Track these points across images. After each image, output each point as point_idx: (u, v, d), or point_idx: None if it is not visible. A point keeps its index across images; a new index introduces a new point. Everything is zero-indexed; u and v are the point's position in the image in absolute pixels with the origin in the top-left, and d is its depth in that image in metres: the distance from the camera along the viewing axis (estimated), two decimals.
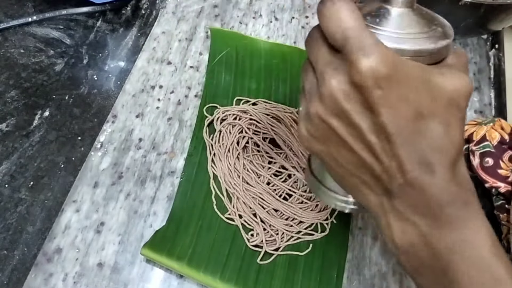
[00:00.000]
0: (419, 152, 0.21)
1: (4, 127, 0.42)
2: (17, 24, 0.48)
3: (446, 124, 0.21)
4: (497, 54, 0.52)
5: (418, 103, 0.21)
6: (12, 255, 0.36)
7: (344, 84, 0.21)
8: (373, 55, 0.20)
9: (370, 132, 0.21)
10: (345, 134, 0.22)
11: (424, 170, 0.21)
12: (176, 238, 0.37)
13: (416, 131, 0.21)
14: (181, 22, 0.51)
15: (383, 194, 0.23)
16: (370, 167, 0.22)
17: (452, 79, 0.22)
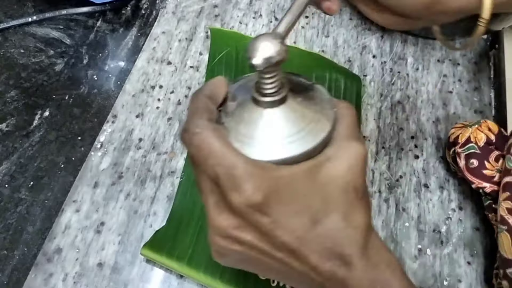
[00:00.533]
0: (327, 252, 0.21)
1: (4, 127, 0.42)
2: (17, 24, 0.48)
3: (345, 216, 0.21)
4: (497, 54, 0.52)
5: (310, 209, 0.21)
6: (12, 255, 0.36)
7: (232, 220, 0.21)
8: (246, 188, 0.20)
9: (275, 251, 0.21)
10: (254, 255, 0.22)
11: (338, 265, 0.21)
12: (176, 238, 0.37)
13: (317, 236, 0.21)
14: (181, 22, 0.51)
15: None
16: (289, 274, 0.23)
17: (340, 159, 0.21)
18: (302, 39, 0.52)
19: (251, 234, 0.21)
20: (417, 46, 0.52)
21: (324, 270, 0.21)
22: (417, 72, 0.50)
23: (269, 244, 0.21)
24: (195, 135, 0.21)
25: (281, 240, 0.21)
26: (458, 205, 0.42)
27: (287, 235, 0.21)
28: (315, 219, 0.21)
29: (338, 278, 0.21)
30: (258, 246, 0.22)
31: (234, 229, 0.21)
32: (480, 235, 0.41)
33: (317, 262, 0.21)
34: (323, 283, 0.22)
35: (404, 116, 0.47)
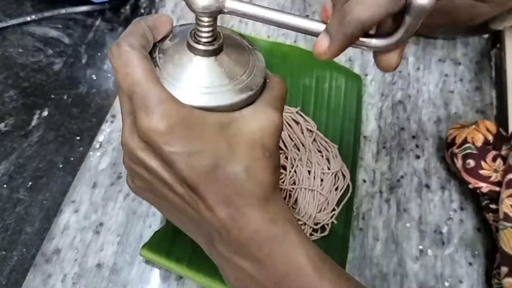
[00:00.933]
0: (225, 198, 0.21)
1: (3, 127, 0.42)
2: (16, 24, 0.48)
3: (248, 169, 0.21)
4: (499, 54, 0.52)
5: (214, 153, 0.21)
6: (11, 255, 0.36)
7: (139, 143, 0.22)
8: (154, 111, 0.20)
9: (176, 184, 0.22)
10: (157, 185, 0.23)
11: (235, 214, 0.21)
12: (175, 239, 0.37)
13: (217, 179, 0.21)
14: (180, 21, 0.51)
15: (209, 241, 0.23)
16: (188, 215, 0.23)
17: (254, 120, 0.22)
18: (302, 39, 0.51)
19: (155, 161, 0.22)
20: (418, 45, 0.52)
21: (220, 216, 0.21)
22: (418, 72, 0.50)
23: (171, 176, 0.22)
24: (125, 52, 0.21)
25: (181, 174, 0.21)
26: (459, 205, 0.42)
27: (187, 171, 0.21)
28: (217, 163, 0.21)
29: (233, 226, 0.22)
30: (162, 176, 0.22)
31: (141, 152, 0.22)
32: (481, 235, 0.40)
33: (214, 204, 0.21)
34: (219, 230, 0.22)
35: (405, 116, 0.47)
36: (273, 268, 0.22)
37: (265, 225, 0.22)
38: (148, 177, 0.23)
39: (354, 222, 0.40)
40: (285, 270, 0.22)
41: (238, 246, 0.22)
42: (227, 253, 0.23)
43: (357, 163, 0.42)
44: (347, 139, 0.43)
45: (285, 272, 0.22)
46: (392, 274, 0.38)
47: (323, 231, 0.38)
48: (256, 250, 0.22)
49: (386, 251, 0.39)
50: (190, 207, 0.23)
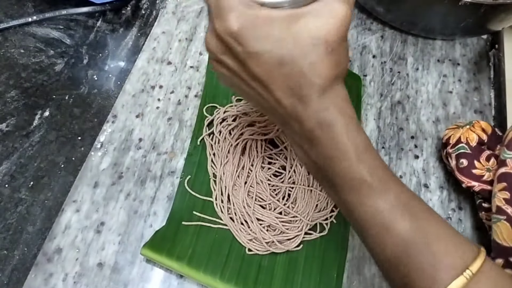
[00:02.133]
0: (289, 90, 0.25)
1: (4, 127, 0.42)
2: (17, 24, 0.48)
3: (310, 64, 0.24)
4: (497, 54, 0.52)
5: (280, 50, 0.24)
6: (12, 255, 0.36)
7: (218, 45, 0.25)
8: (224, 16, 0.23)
9: (250, 79, 0.26)
10: (236, 80, 0.27)
11: (296, 103, 0.25)
12: (176, 238, 0.37)
13: (282, 74, 0.24)
14: (181, 22, 0.51)
15: (281, 123, 0.27)
16: (262, 104, 0.27)
17: (319, 15, 0.24)
18: None
19: (231, 60, 0.26)
20: (417, 46, 0.52)
21: (285, 105, 0.25)
22: (417, 72, 0.50)
23: (245, 73, 0.25)
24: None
25: (252, 70, 0.25)
26: (458, 205, 0.42)
27: (257, 68, 0.24)
28: (283, 60, 0.24)
29: (295, 113, 0.25)
30: (238, 72, 0.26)
31: (219, 53, 0.26)
32: (480, 234, 0.41)
33: (280, 96, 0.25)
34: (284, 117, 0.26)
35: (404, 116, 0.47)
36: (321, 149, 0.25)
37: (319, 113, 0.25)
38: (228, 73, 0.27)
39: None
40: (329, 152, 0.25)
41: (298, 130, 0.26)
42: (292, 135, 0.27)
43: None
44: None
45: (329, 154, 0.25)
46: None
47: (322, 231, 0.38)
48: (309, 133, 0.25)
49: None
50: (263, 98, 0.26)
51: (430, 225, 0.25)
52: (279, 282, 0.36)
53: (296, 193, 0.39)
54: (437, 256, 0.23)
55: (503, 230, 0.35)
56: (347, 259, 0.38)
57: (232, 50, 0.25)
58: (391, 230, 0.24)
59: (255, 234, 0.37)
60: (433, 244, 0.24)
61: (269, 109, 0.27)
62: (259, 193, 0.39)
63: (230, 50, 0.25)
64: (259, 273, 0.36)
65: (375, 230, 0.25)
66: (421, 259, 0.24)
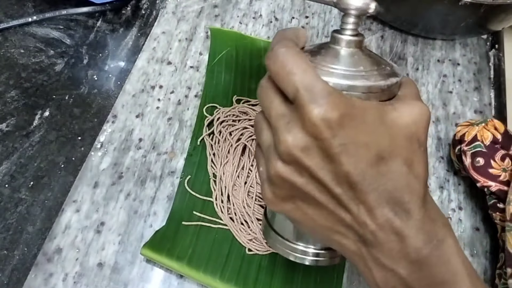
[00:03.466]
0: (387, 195, 0.20)
1: (4, 127, 0.42)
2: (17, 24, 0.48)
3: (409, 162, 0.21)
4: (497, 54, 0.52)
5: (377, 145, 0.21)
6: (12, 255, 0.36)
7: (300, 139, 0.21)
8: (324, 103, 0.20)
9: (334, 184, 0.21)
10: (310, 189, 0.22)
11: (396, 211, 0.20)
12: (176, 238, 0.37)
13: (380, 174, 0.20)
14: (181, 22, 0.51)
15: (359, 242, 0.22)
16: (340, 218, 0.22)
17: (407, 112, 0.22)
18: None
19: (316, 159, 0.21)
20: (417, 46, 0.52)
21: (381, 215, 0.20)
22: (417, 72, 0.50)
23: (330, 174, 0.21)
24: (281, 53, 0.21)
25: (345, 169, 0.20)
26: (458, 205, 0.42)
27: (352, 165, 0.20)
28: (381, 156, 0.20)
29: (394, 226, 0.20)
30: (319, 175, 0.21)
31: (300, 150, 0.21)
32: (480, 235, 0.41)
33: (375, 202, 0.20)
34: (375, 232, 0.21)
35: None
36: (430, 272, 0.21)
37: (425, 225, 0.21)
38: (299, 181, 0.22)
39: None
40: (442, 275, 0.21)
41: (395, 248, 0.21)
42: (381, 255, 0.21)
43: None
44: None
45: (441, 277, 0.21)
46: None
47: None
48: (414, 252, 0.20)
49: None
50: (344, 209, 0.21)
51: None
52: (279, 282, 0.36)
53: None
54: None
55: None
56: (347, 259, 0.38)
57: (324, 142, 0.20)
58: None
59: (255, 234, 0.37)
60: None
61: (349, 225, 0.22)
62: (259, 193, 0.39)
63: (318, 144, 0.20)
64: (259, 273, 0.36)
65: None
66: None
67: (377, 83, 0.23)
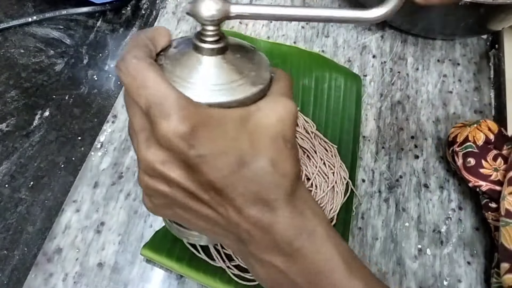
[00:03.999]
0: (252, 196, 0.21)
1: (4, 127, 0.42)
2: (17, 24, 0.48)
3: (273, 162, 0.21)
4: (497, 54, 0.52)
5: (238, 151, 0.21)
6: (12, 255, 0.36)
7: (159, 155, 0.21)
8: (175, 116, 0.20)
9: (201, 191, 0.21)
10: (181, 197, 0.22)
11: (264, 210, 0.21)
12: (176, 238, 0.37)
13: (244, 177, 0.21)
14: (181, 22, 0.51)
15: (239, 241, 0.23)
16: (215, 221, 0.23)
17: (271, 111, 0.22)
18: (302, 39, 0.52)
19: (178, 171, 0.21)
20: (417, 46, 0.52)
21: (249, 215, 0.21)
22: (417, 72, 0.50)
23: (195, 183, 0.21)
24: (132, 64, 0.21)
25: (207, 178, 0.21)
26: (458, 205, 0.42)
27: (214, 173, 0.20)
28: (242, 161, 0.21)
29: (264, 223, 0.21)
30: (185, 185, 0.21)
31: (161, 164, 0.21)
32: (480, 235, 0.41)
33: (242, 205, 0.21)
34: (248, 231, 0.22)
35: (404, 116, 0.47)
36: (304, 263, 0.22)
37: (294, 219, 0.21)
38: (169, 191, 0.22)
39: (353, 221, 0.40)
40: (316, 266, 0.22)
41: (269, 244, 0.22)
42: (258, 251, 0.22)
43: (356, 163, 0.42)
44: (346, 139, 0.44)
45: (316, 268, 0.22)
46: (391, 273, 0.38)
47: None
48: (287, 246, 0.22)
49: (385, 250, 0.39)
50: (216, 213, 0.22)
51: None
52: None
53: None
54: None
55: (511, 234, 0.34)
56: None
57: (181, 155, 0.20)
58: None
59: None
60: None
61: (222, 225, 0.23)
62: None
63: (176, 157, 0.21)
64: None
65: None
66: None
67: (234, 98, 0.22)
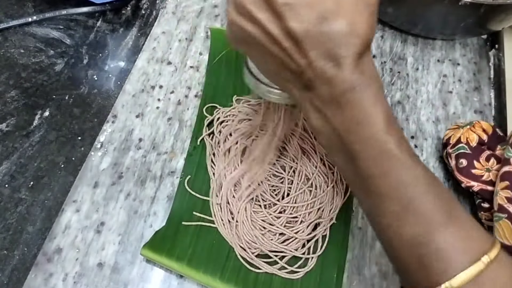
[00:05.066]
0: (325, 50, 0.23)
1: (4, 127, 0.42)
2: (17, 24, 0.48)
3: (351, 23, 0.23)
4: (497, 54, 0.52)
5: (322, 6, 0.22)
6: (12, 255, 0.36)
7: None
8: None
9: (281, 36, 0.23)
10: (260, 38, 0.24)
11: (331, 65, 0.23)
12: (176, 238, 0.37)
13: (322, 33, 0.23)
14: (181, 22, 0.51)
15: (302, 88, 0.26)
16: (287, 66, 0.25)
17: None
18: None
19: (265, 13, 0.23)
20: (417, 46, 0.52)
21: (318, 66, 0.23)
22: (417, 72, 0.50)
23: (278, 29, 0.23)
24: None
25: (289, 25, 0.23)
26: None
27: (296, 22, 0.22)
28: (323, 16, 0.22)
29: (327, 76, 0.24)
30: (268, 28, 0.23)
31: (251, 4, 0.23)
32: None
33: (314, 57, 0.23)
34: (311, 79, 0.24)
35: (404, 116, 0.47)
36: (349, 113, 0.24)
37: (354, 75, 0.23)
38: (252, 29, 0.24)
39: (353, 221, 0.40)
40: (358, 117, 0.24)
41: (325, 93, 0.24)
42: (316, 99, 0.25)
43: None
44: None
45: (357, 119, 0.24)
46: (391, 273, 0.38)
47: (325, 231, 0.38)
48: (340, 96, 0.24)
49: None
50: (289, 58, 0.24)
51: (451, 208, 0.24)
52: (279, 282, 0.36)
53: (296, 194, 0.39)
54: (458, 238, 0.23)
55: (505, 228, 0.35)
56: (347, 259, 0.38)
57: (272, 2, 0.23)
58: (415, 207, 0.24)
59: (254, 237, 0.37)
60: (455, 226, 0.23)
61: (294, 70, 0.25)
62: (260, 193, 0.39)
63: (268, 3, 0.23)
64: (259, 273, 0.36)
65: (397, 205, 0.24)
66: (441, 239, 0.23)
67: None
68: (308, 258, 0.37)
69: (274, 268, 0.36)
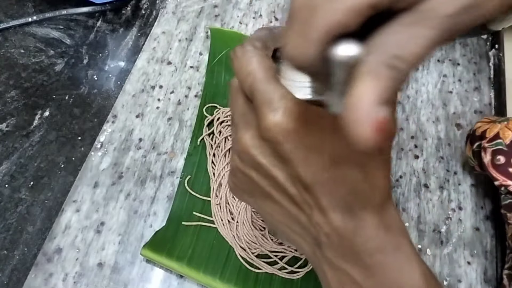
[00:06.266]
0: (340, 200, 0.21)
1: (4, 127, 0.42)
2: (17, 24, 0.48)
3: (365, 170, 0.21)
4: (497, 54, 0.52)
5: (332, 151, 0.20)
6: (12, 255, 0.36)
7: (256, 139, 0.21)
8: (280, 110, 0.20)
9: (288, 183, 0.21)
10: (266, 185, 0.22)
11: (349, 217, 0.21)
12: (176, 238, 0.37)
13: (333, 179, 0.20)
14: (181, 22, 0.51)
15: (314, 244, 0.22)
16: (296, 218, 0.22)
17: None
18: None
19: (269, 158, 0.21)
20: None
21: (333, 219, 0.20)
22: (417, 72, 0.50)
23: (284, 174, 0.21)
24: (249, 51, 0.22)
25: (298, 171, 0.20)
26: (458, 205, 0.42)
27: (304, 167, 0.20)
28: (334, 161, 0.20)
29: (346, 230, 0.20)
30: (273, 174, 0.21)
31: (254, 149, 0.22)
32: (480, 235, 0.41)
33: (327, 206, 0.20)
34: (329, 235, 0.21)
35: (404, 116, 0.47)
36: (384, 278, 0.21)
37: (380, 232, 0.21)
38: (256, 177, 0.22)
39: None
40: (396, 281, 0.21)
41: (348, 252, 0.21)
42: (335, 258, 0.21)
43: None
44: None
45: (396, 283, 0.21)
46: None
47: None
48: (367, 257, 0.21)
49: None
50: (299, 209, 0.22)
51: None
52: (279, 282, 0.36)
53: None
54: None
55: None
56: None
57: (278, 147, 0.21)
58: None
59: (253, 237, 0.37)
60: None
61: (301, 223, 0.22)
62: None
63: (271, 146, 0.21)
64: (259, 273, 0.36)
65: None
66: None
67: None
68: None
69: (274, 268, 0.36)
